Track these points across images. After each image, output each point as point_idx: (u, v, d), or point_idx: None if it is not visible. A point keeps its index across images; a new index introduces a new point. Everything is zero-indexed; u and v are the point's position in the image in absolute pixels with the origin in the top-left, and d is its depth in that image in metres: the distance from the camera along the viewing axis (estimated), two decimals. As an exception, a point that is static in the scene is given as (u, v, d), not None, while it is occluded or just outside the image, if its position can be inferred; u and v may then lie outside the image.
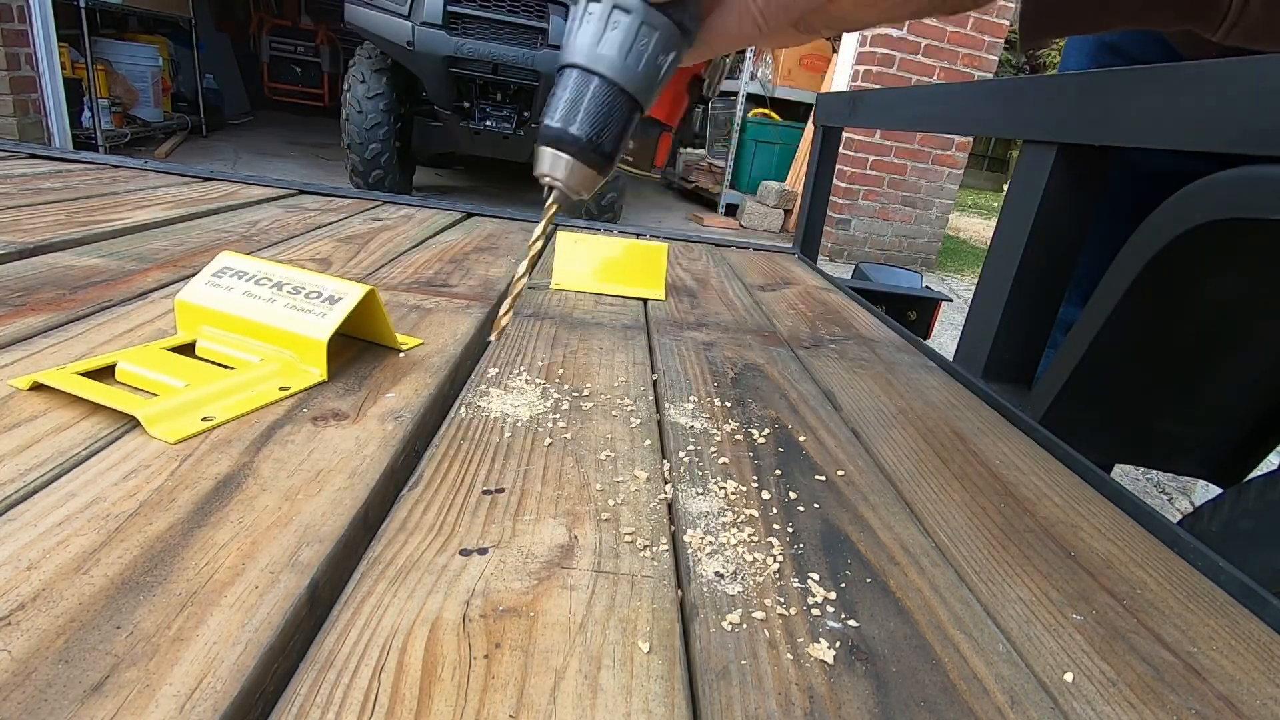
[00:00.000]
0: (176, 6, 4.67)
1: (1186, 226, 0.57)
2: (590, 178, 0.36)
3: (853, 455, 0.52)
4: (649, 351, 0.69)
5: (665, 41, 0.33)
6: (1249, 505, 0.60)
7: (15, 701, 0.23)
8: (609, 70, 0.33)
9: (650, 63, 0.33)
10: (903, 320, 1.33)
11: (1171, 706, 0.31)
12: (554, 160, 0.35)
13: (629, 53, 0.33)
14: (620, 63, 0.33)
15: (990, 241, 0.82)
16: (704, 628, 0.31)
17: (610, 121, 0.34)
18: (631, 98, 0.34)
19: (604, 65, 0.33)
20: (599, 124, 0.34)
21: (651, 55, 0.33)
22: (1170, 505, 1.89)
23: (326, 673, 0.26)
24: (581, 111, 0.34)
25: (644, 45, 0.33)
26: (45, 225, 0.79)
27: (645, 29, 0.33)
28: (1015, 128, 0.76)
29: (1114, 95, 0.64)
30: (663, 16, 0.33)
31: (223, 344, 0.51)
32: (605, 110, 0.34)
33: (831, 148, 1.42)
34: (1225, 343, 0.67)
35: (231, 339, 0.52)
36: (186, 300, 0.52)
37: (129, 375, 0.46)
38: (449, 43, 3.08)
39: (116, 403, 0.41)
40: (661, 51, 0.33)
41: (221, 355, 0.51)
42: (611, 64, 0.33)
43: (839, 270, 2.39)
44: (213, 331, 0.52)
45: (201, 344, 0.52)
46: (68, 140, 3.57)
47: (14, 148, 1.29)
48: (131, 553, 0.30)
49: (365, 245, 0.92)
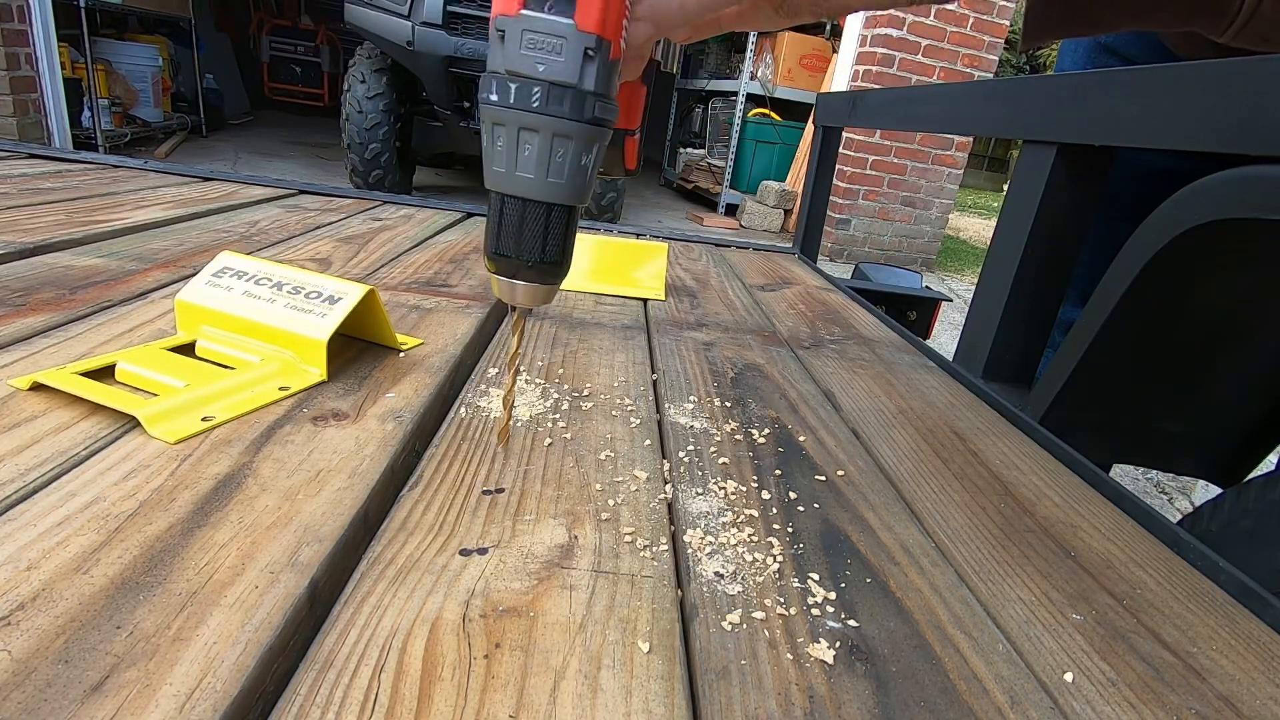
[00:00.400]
0: (176, 6, 4.66)
1: (1186, 226, 0.57)
2: (547, 290, 0.35)
3: (853, 455, 0.52)
4: (649, 351, 0.69)
5: (582, 144, 0.32)
6: (1249, 505, 0.60)
7: (15, 701, 0.23)
8: (534, 194, 0.32)
9: (574, 170, 0.32)
10: (903, 320, 1.33)
11: (1171, 706, 0.31)
12: (509, 287, 0.35)
13: (548, 170, 0.32)
14: (544, 182, 0.32)
15: (990, 241, 0.82)
16: (704, 628, 0.31)
17: (550, 235, 0.33)
18: (564, 207, 0.33)
19: (525, 189, 0.32)
20: (538, 243, 0.33)
21: (573, 163, 0.32)
22: (1170, 505, 1.89)
23: (326, 673, 0.26)
24: (520, 237, 0.33)
25: (561, 158, 0.32)
26: (45, 225, 0.79)
27: (558, 141, 0.31)
28: (1015, 128, 0.76)
29: (1114, 95, 0.64)
30: (572, 123, 0.31)
31: (223, 344, 0.51)
32: (541, 229, 0.33)
33: (831, 148, 1.42)
34: (1225, 343, 0.67)
35: (231, 339, 0.52)
36: (186, 300, 0.52)
37: (129, 375, 0.46)
38: (449, 43, 3.08)
39: (116, 403, 0.41)
40: (584, 152, 0.32)
41: (221, 355, 0.51)
42: (532, 186, 0.32)
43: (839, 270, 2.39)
44: (213, 331, 0.52)
45: (201, 344, 0.52)
46: (68, 140, 3.57)
47: (14, 148, 1.30)
48: (131, 553, 0.30)
49: (365, 245, 0.92)
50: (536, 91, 0.30)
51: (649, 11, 0.32)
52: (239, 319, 0.51)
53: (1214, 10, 0.34)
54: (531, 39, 0.30)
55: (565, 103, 0.31)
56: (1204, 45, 0.45)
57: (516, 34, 0.30)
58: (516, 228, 0.33)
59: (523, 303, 0.36)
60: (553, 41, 0.30)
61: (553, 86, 0.30)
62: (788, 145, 4.71)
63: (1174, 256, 0.59)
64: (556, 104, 0.30)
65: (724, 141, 4.89)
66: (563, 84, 0.30)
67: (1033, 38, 0.39)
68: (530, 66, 0.30)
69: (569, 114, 0.31)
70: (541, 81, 0.30)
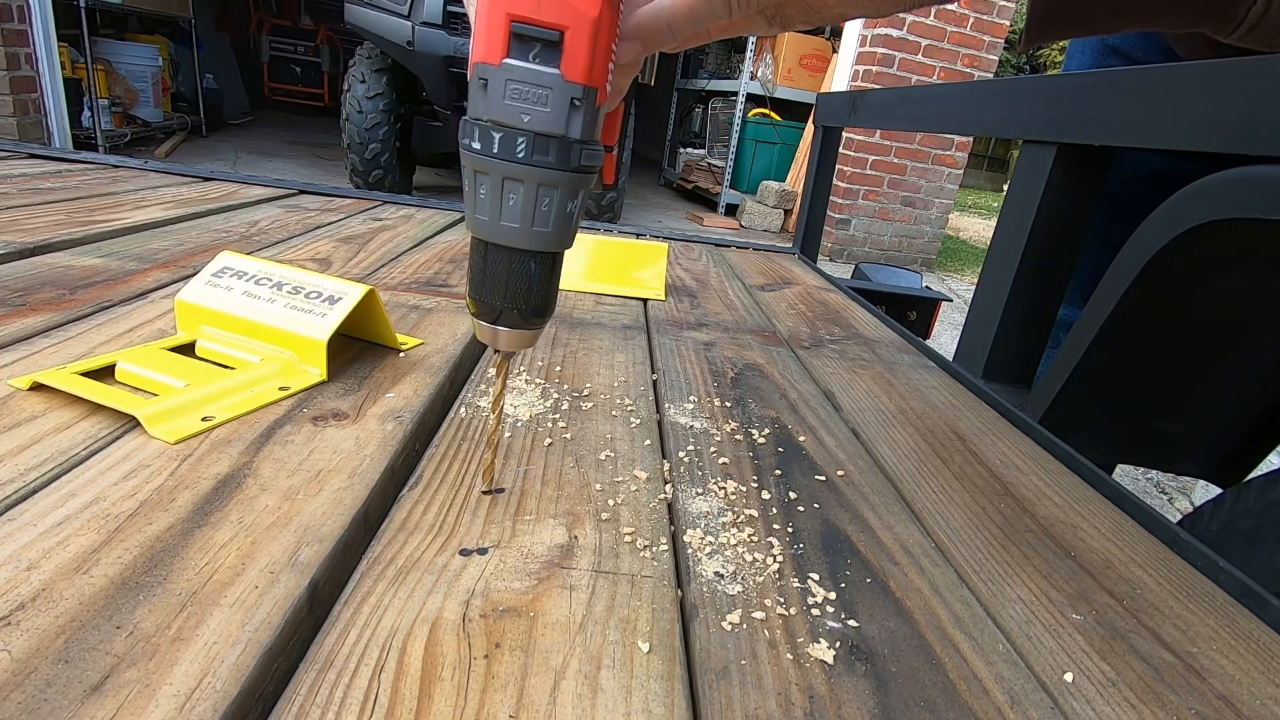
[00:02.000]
0: (176, 6, 4.66)
1: (1186, 226, 0.57)
2: (531, 334, 0.35)
3: (853, 455, 0.52)
4: (649, 351, 0.69)
5: (567, 192, 0.31)
6: (1249, 505, 0.60)
7: (15, 701, 0.23)
8: (520, 243, 0.32)
9: (559, 217, 0.32)
10: (903, 320, 1.33)
11: (1171, 706, 0.31)
12: (491, 333, 0.34)
13: (534, 219, 0.31)
14: (529, 231, 0.31)
15: (990, 241, 0.82)
16: (704, 628, 0.31)
17: (535, 284, 0.33)
18: (548, 254, 0.33)
19: (510, 238, 0.32)
20: (522, 291, 0.33)
21: (559, 211, 0.32)
22: (1170, 505, 1.89)
23: (326, 673, 0.26)
24: (506, 285, 0.33)
25: (547, 206, 0.31)
26: (45, 225, 0.79)
27: (543, 190, 0.31)
28: (1015, 128, 0.76)
29: (1114, 95, 0.64)
30: (558, 173, 0.30)
31: (222, 344, 0.51)
32: (526, 277, 0.33)
33: (831, 148, 1.42)
34: (1225, 343, 0.67)
35: (231, 339, 0.52)
36: (186, 300, 0.52)
37: (129, 375, 0.46)
38: (449, 42, 3.08)
39: (116, 402, 0.41)
40: (569, 200, 0.32)
41: (221, 355, 0.51)
42: (517, 236, 0.32)
43: (839, 270, 2.39)
44: (212, 331, 0.52)
45: (201, 344, 0.52)
46: (68, 140, 3.57)
47: (14, 148, 1.30)
48: (131, 553, 0.30)
49: (365, 245, 0.92)
50: (521, 142, 0.30)
51: (636, 31, 0.32)
52: (239, 319, 0.51)
53: (1221, 14, 0.34)
54: (516, 89, 0.29)
55: (551, 153, 0.30)
56: (1210, 46, 0.45)
57: (500, 84, 0.29)
58: (503, 276, 0.32)
59: (505, 347, 0.35)
60: (538, 92, 0.29)
61: (538, 137, 0.30)
62: (788, 145, 4.71)
63: (1174, 257, 0.59)
64: (542, 154, 0.30)
65: (724, 141, 4.89)
66: (548, 134, 0.30)
67: (1034, 38, 0.39)
68: (514, 117, 0.29)
69: (555, 164, 0.30)
70: (526, 132, 0.29)
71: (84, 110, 3.73)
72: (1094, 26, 0.40)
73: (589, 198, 0.36)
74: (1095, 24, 0.39)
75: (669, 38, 0.32)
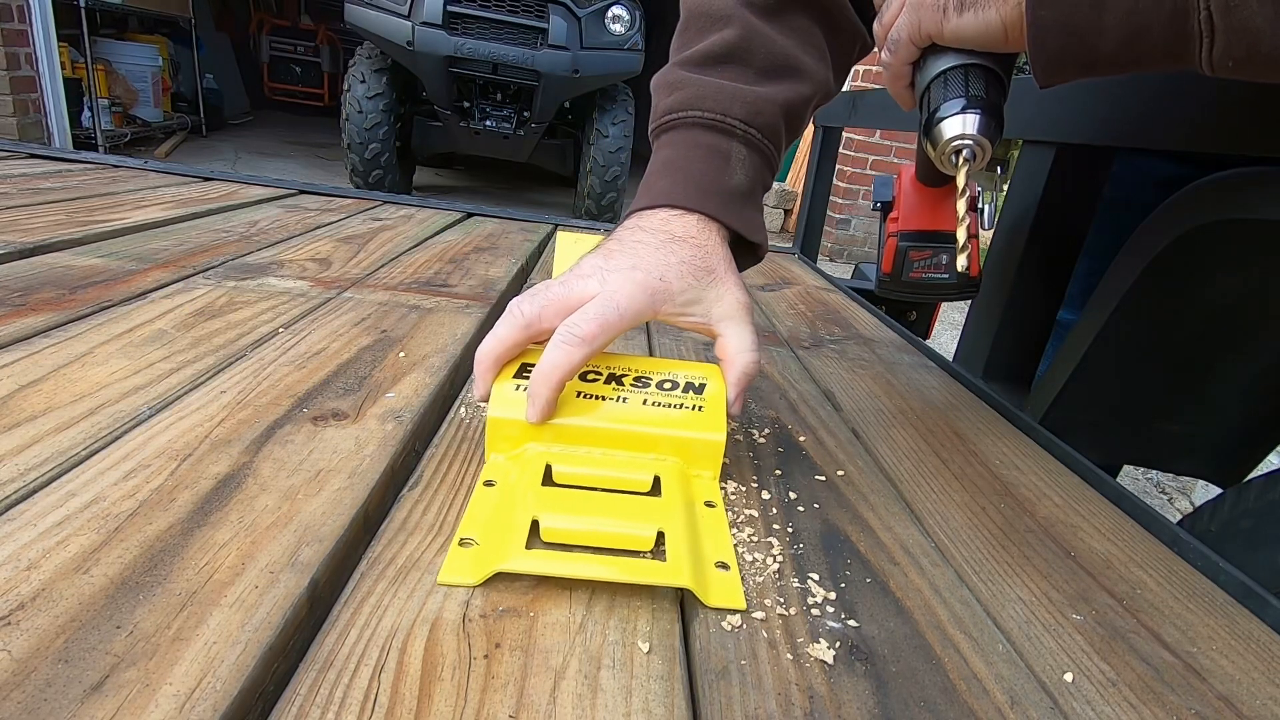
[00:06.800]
0: (176, 6, 4.66)
1: (1186, 227, 0.57)
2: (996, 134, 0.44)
3: (853, 455, 0.52)
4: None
5: None
6: (1249, 505, 0.60)
7: (15, 701, 0.23)
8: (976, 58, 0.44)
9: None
10: (903, 320, 1.33)
11: (1171, 706, 0.31)
12: (963, 121, 0.43)
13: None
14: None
15: (990, 241, 0.82)
16: (704, 628, 0.31)
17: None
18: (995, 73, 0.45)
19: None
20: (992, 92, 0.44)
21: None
22: (1170, 505, 1.89)
23: (326, 673, 0.26)
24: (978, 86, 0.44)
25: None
26: (45, 225, 0.79)
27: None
28: (1015, 128, 0.76)
29: (1114, 95, 0.64)
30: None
31: (583, 464, 0.41)
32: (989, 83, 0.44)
33: (831, 148, 1.43)
34: (1225, 343, 0.67)
35: (587, 454, 0.42)
36: (503, 417, 0.42)
37: (553, 532, 0.35)
38: (449, 42, 3.08)
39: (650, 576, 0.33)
40: None
41: (592, 479, 0.40)
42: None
43: (839, 270, 2.39)
44: (560, 451, 0.42)
45: (559, 469, 0.40)
46: (68, 140, 3.57)
47: (14, 148, 1.30)
48: (131, 552, 0.30)
49: (365, 245, 0.92)
50: None
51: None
52: (589, 429, 0.42)
53: (1177, 57, 0.35)
54: None
55: None
56: None
57: None
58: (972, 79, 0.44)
59: (975, 135, 0.44)
60: None
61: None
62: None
63: (1174, 257, 0.59)
64: None
65: (724, 141, 4.88)
66: None
67: (1045, 80, 0.41)
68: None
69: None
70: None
71: (84, 110, 3.73)
72: (1092, 71, 0.41)
73: (591, 198, 0.38)
74: (1092, 70, 0.41)
75: None
